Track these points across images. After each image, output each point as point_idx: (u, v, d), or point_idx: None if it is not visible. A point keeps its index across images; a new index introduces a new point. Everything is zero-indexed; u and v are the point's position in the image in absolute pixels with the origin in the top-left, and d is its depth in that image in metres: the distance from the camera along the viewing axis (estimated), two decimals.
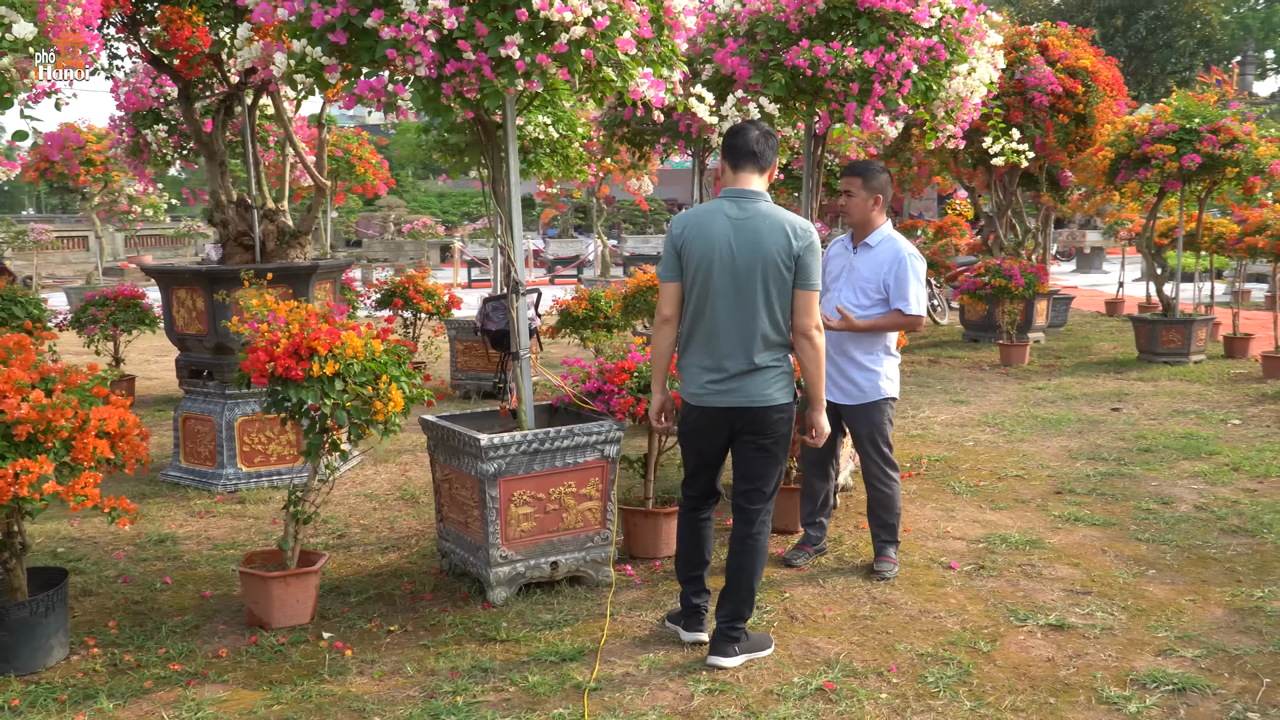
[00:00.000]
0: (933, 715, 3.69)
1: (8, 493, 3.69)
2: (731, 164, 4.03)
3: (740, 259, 3.89)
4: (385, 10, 4.01)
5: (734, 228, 3.92)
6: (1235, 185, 10.75)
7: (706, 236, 3.93)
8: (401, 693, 3.91)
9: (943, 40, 5.76)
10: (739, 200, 3.98)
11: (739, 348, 3.94)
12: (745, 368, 3.95)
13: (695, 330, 4.02)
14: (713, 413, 4.03)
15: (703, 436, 4.12)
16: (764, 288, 3.91)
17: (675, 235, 4.01)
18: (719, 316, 3.94)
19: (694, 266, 3.96)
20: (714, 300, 3.94)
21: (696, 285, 3.97)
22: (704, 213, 4.00)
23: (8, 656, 4.07)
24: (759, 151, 4.01)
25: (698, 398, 4.04)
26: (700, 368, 4.03)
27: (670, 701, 3.81)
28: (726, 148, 4.04)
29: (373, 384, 4.38)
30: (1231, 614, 4.59)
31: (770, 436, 4.04)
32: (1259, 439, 7.98)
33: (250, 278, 4.99)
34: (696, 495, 4.26)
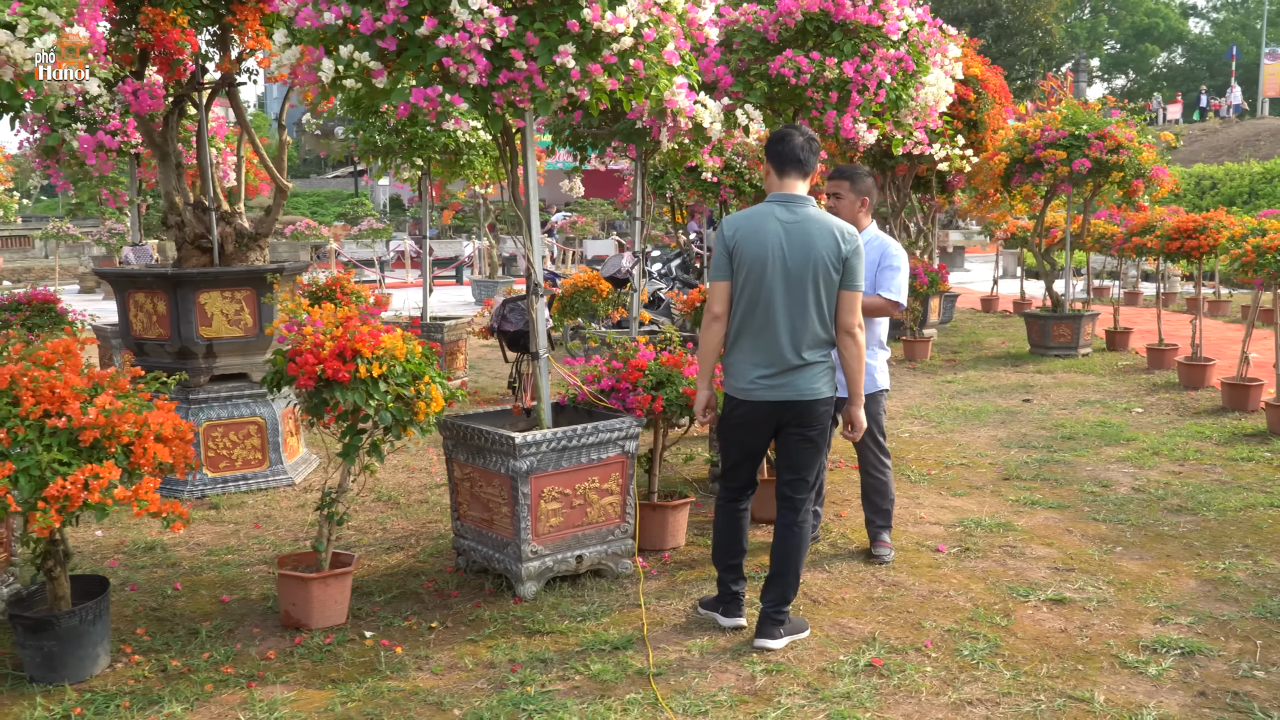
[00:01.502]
0: (980, 685, 3.97)
1: (79, 499, 3.65)
2: (777, 170, 4.24)
3: (792, 261, 4.10)
4: (438, 19, 4.08)
5: (785, 231, 4.13)
6: (1120, 188, 11.47)
7: (759, 239, 4.13)
8: (469, 685, 4.00)
9: (909, 52, 6.09)
10: (789, 204, 4.18)
11: (790, 345, 4.15)
12: (795, 364, 4.17)
13: (745, 328, 4.21)
14: (762, 407, 4.23)
15: (749, 430, 4.32)
16: (814, 288, 4.13)
17: (727, 237, 4.19)
18: (772, 315, 4.14)
19: (746, 267, 4.15)
20: (767, 300, 4.14)
21: (748, 285, 4.16)
22: (755, 216, 4.19)
23: (55, 665, 4.01)
24: (803, 159, 4.23)
25: (746, 392, 4.24)
26: (750, 364, 4.22)
27: (734, 683, 4.00)
28: (772, 155, 4.25)
29: (413, 385, 4.44)
30: (1204, 584, 5.02)
31: (815, 428, 4.27)
32: (1165, 425, 8.59)
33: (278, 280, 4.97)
34: (737, 487, 4.46)
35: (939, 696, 3.88)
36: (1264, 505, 6.26)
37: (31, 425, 3.72)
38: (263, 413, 6.79)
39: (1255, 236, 8.60)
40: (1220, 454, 7.58)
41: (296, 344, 4.33)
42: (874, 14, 5.95)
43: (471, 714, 3.76)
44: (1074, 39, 55.13)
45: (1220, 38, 65.54)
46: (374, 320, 4.56)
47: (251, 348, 6.82)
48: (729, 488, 4.48)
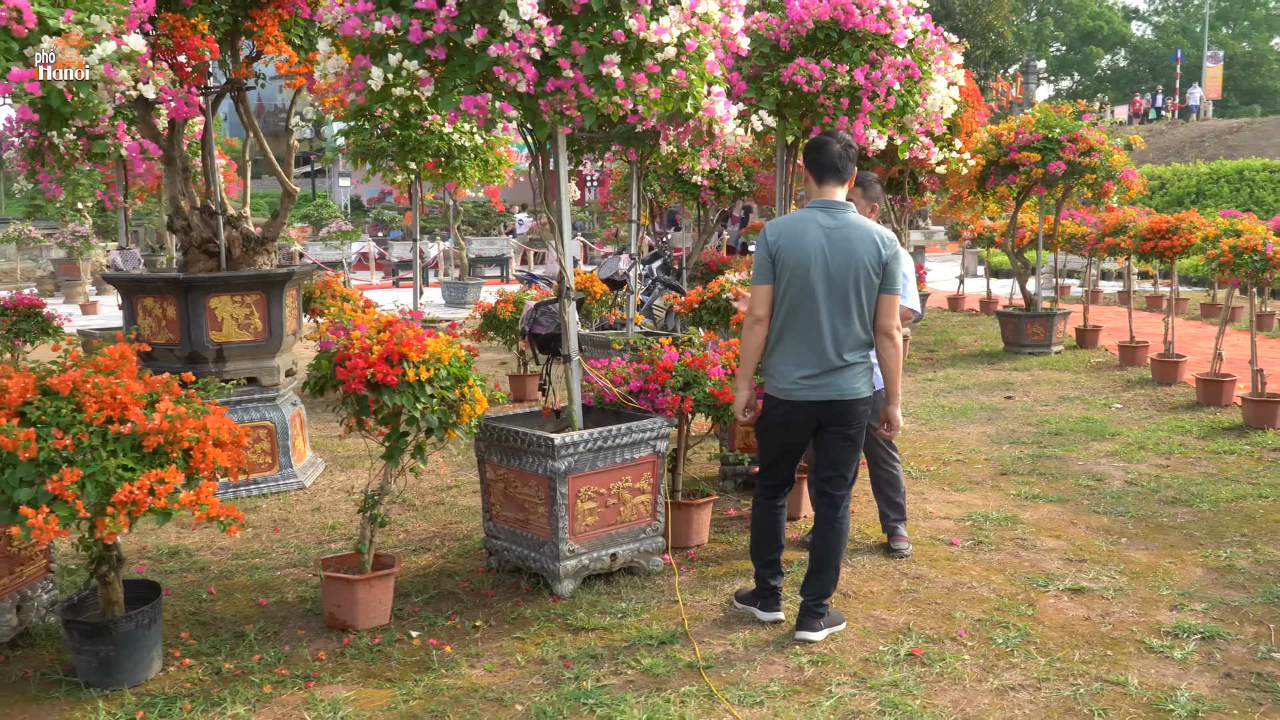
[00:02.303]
0: (1019, 672, 4.13)
1: (145, 504, 3.69)
2: (816, 177, 4.35)
3: (834, 265, 4.23)
4: (488, 28, 4.17)
5: (827, 236, 4.25)
6: (1093, 190, 11.75)
7: (801, 244, 4.25)
8: (525, 682, 4.08)
9: (914, 59, 6.25)
10: (830, 210, 4.31)
11: (832, 346, 4.28)
12: (837, 364, 4.30)
13: (788, 330, 4.33)
14: (804, 407, 4.35)
15: (789, 429, 4.44)
16: (855, 292, 4.26)
17: (770, 241, 4.30)
18: (815, 318, 4.27)
19: (789, 271, 4.27)
20: (810, 303, 4.26)
21: (791, 289, 4.28)
22: (797, 221, 4.31)
23: (111, 670, 4.04)
24: (841, 166, 4.35)
25: (788, 393, 4.36)
26: (792, 365, 4.34)
27: (783, 674, 4.12)
28: (811, 163, 4.36)
29: (457, 387, 4.52)
30: (1210, 573, 5.22)
31: (855, 426, 4.40)
32: (1145, 421, 8.85)
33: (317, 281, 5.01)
34: (775, 485, 4.58)
35: (981, 683, 4.03)
36: (1253, 496, 6.50)
37: (94, 431, 3.75)
38: (272, 416, 6.82)
39: (1228, 237, 8.87)
40: (1203, 448, 7.82)
41: (344, 348, 4.39)
42: (881, 22, 6.10)
43: (534, 709, 3.85)
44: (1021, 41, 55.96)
45: (1162, 41, 66.83)
46: (415, 324, 4.63)
47: (261, 352, 6.84)
48: (767, 485, 4.60)
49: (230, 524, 3.99)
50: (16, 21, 3.77)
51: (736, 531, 5.88)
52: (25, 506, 3.54)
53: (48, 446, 3.64)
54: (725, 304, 8.16)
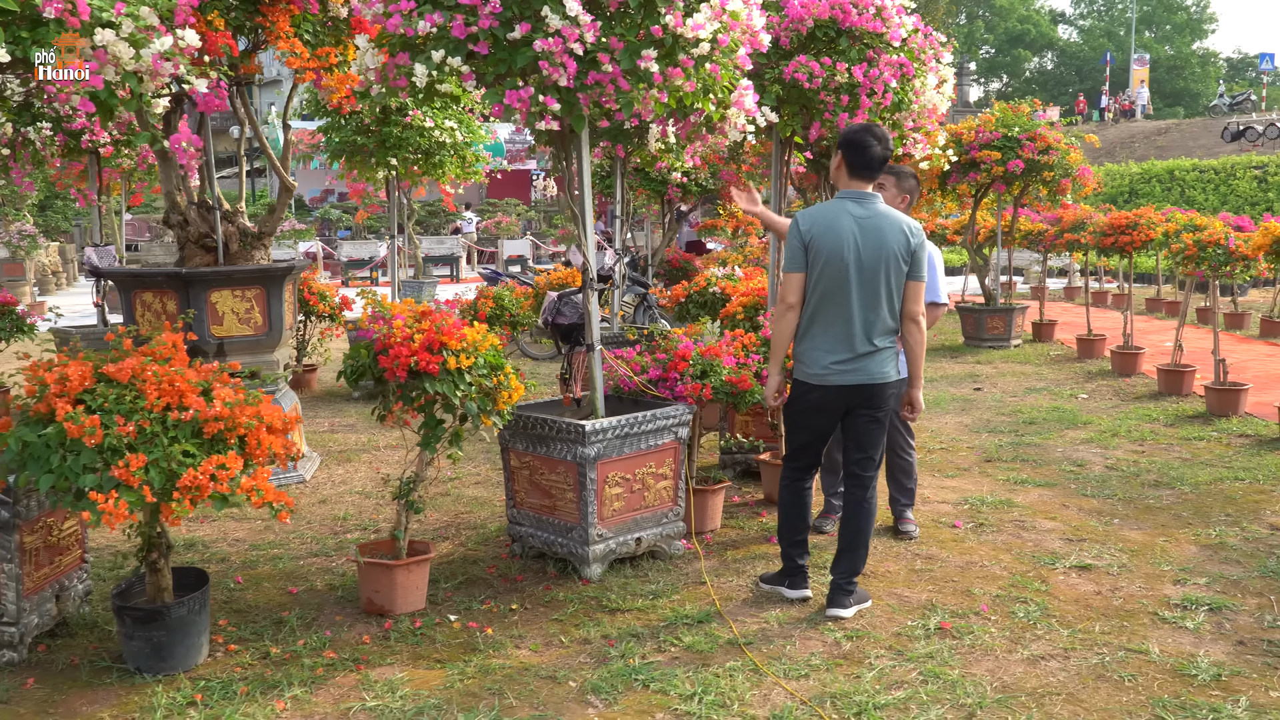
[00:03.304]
0: (1045, 642, 4.32)
1: (208, 489, 3.74)
2: (849, 171, 4.50)
3: (866, 254, 4.39)
4: (532, 24, 4.27)
5: (859, 226, 4.41)
6: (1049, 187, 12.09)
7: (835, 233, 4.39)
8: (573, 660, 4.19)
9: (908, 57, 6.45)
10: (860, 200, 4.46)
11: (863, 332, 4.44)
12: (867, 350, 4.45)
13: (820, 316, 4.47)
14: (835, 391, 4.50)
15: (820, 414, 4.59)
16: (885, 279, 4.42)
17: (804, 230, 4.43)
18: (847, 304, 4.42)
19: (822, 259, 4.41)
20: (842, 290, 4.41)
21: (825, 276, 4.42)
22: (829, 211, 4.45)
23: (164, 655, 4.08)
24: (876, 169, 4.50)
25: (821, 377, 4.50)
26: (824, 350, 4.48)
27: (822, 648, 4.27)
28: (849, 161, 4.47)
29: (493, 376, 4.61)
30: (1204, 550, 5.47)
31: (883, 409, 4.57)
32: (1112, 410, 9.16)
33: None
34: (803, 467, 4.73)
35: (1012, 654, 4.21)
36: (1230, 479, 6.79)
37: (154, 418, 3.80)
38: None
39: (1188, 232, 9.22)
40: (1172, 434, 8.13)
41: (386, 337, 4.46)
42: (877, 21, 6.27)
43: (589, 685, 3.96)
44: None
45: (1088, 44, 68.33)
46: (449, 314, 4.71)
47: (261, 346, 6.85)
48: (795, 467, 4.74)
49: (281, 509, 4.04)
50: (71, 13, 3.79)
51: (744, 517, 6.03)
52: (94, 492, 3.58)
53: (112, 433, 3.67)
54: (712, 297, 8.32)
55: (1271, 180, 28.13)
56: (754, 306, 7.52)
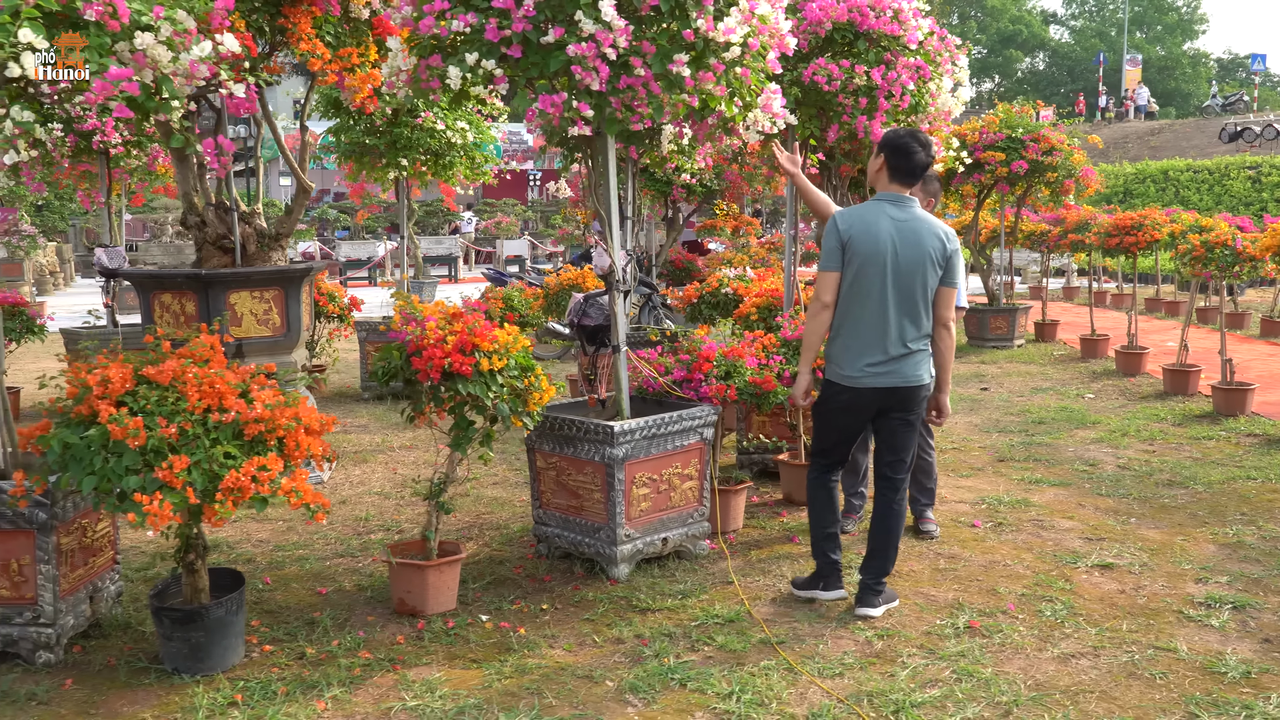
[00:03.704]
0: (1073, 640, 4.36)
1: (250, 490, 3.76)
2: (890, 174, 4.51)
3: (903, 256, 4.41)
4: (565, 28, 4.30)
5: (897, 228, 4.43)
6: (1052, 188, 12.15)
7: (873, 234, 4.41)
8: (608, 659, 4.22)
9: (925, 59, 6.49)
10: (898, 203, 4.49)
11: (898, 334, 4.47)
12: (901, 352, 4.48)
13: (854, 318, 4.49)
14: (867, 393, 4.53)
15: (850, 415, 4.61)
16: (921, 283, 4.45)
17: (842, 230, 4.45)
18: (884, 307, 4.43)
19: (859, 260, 4.42)
20: (879, 292, 4.43)
21: (862, 277, 4.43)
22: (868, 212, 4.47)
23: (201, 656, 4.10)
24: (917, 176, 4.52)
25: (854, 379, 4.52)
26: (858, 352, 4.50)
27: (854, 647, 4.31)
28: (891, 165, 4.48)
29: (524, 377, 4.64)
30: (1223, 548, 5.52)
31: (915, 412, 4.60)
32: (1119, 409, 9.22)
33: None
34: (830, 464, 4.76)
35: (1042, 652, 4.26)
36: (1242, 478, 6.84)
37: (195, 420, 3.82)
38: None
39: (1194, 233, 9.28)
40: (1181, 434, 8.19)
41: (419, 339, 4.49)
42: (894, 24, 6.31)
43: (626, 684, 3.99)
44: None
45: (1080, 44, 68.56)
46: (479, 316, 4.73)
47: (279, 347, 6.86)
48: (823, 464, 4.77)
49: (318, 510, 4.06)
50: (111, 16, 3.81)
51: (765, 517, 6.07)
52: (138, 494, 3.60)
53: (155, 435, 3.69)
54: (724, 298, 8.36)
55: (1266, 180, 28.26)
56: (768, 308, 7.56)
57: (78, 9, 3.73)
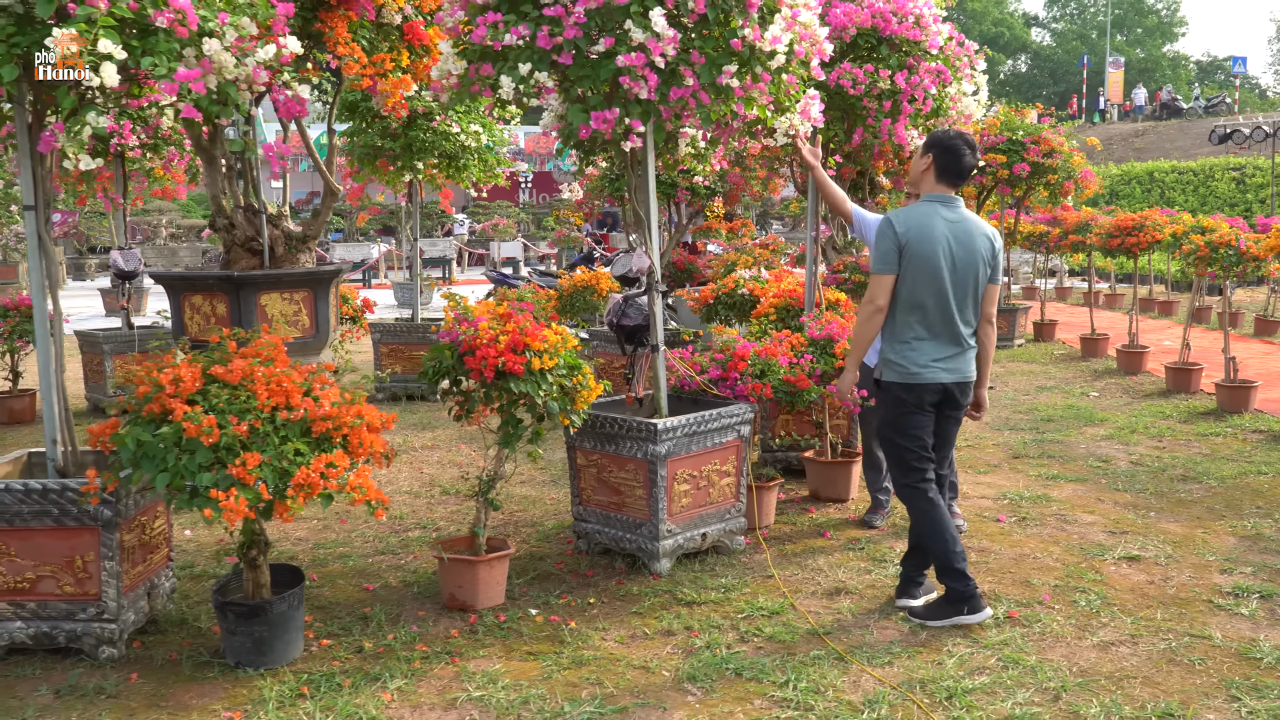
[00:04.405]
0: (1111, 630, 4.49)
1: (319, 486, 3.85)
2: (937, 175, 4.60)
3: (959, 256, 4.52)
4: (615, 38, 4.40)
5: (951, 229, 4.53)
6: (1051, 190, 12.32)
7: (930, 236, 4.50)
8: (660, 650, 4.33)
9: (945, 64, 6.63)
10: (948, 204, 4.58)
11: (958, 331, 4.57)
12: (960, 349, 4.59)
13: (919, 316, 4.55)
14: (933, 388, 4.58)
15: (922, 412, 4.62)
16: (974, 280, 4.56)
17: (899, 233, 4.51)
18: (946, 304, 4.52)
19: (919, 261, 4.49)
20: (940, 291, 4.51)
21: (923, 278, 4.50)
22: (922, 214, 4.55)
23: (264, 650, 4.18)
24: (967, 175, 4.62)
25: (917, 376, 4.55)
26: (925, 349, 4.55)
27: (899, 637, 4.43)
28: (940, 166, 4.57)
29: (572, 376, 4.74)
30: (1242, 540, 5.67)
31: (963, 407, 4.71)
32: (1124, 407, 9.38)
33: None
34: (926, 472, 4.65)
35: (1082, 640, 4.38)
36: (1253, 473, 7.00)
37: (265, 418, 3.91)
38: None
39: (1195, 234, 9.45)
40: (1189, 431, 8.35)
41: (472, 338, 4.58)
42: (915, 29, 6.47)
43: (683, 674, 4.10)
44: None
45: (1061, 47, 69.07)
46: (529, 316, 4.83)
47: (309, 348, 6.94)
48: (926, 477, 4.66)
49: (378, 507, 4.16)
50: (180, 24, 3.89)
51: (794, 513, 6.18)
52: (214, 490, 3.69)
53: (228, 432, 3.78)
54: (741, 299, 8.47)
55: (1250, 181, 28.60)
56: (785, 308, 7.66)
57: (148, 16, 3.81)
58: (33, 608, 4.26)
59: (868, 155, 7.57)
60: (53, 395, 4.50)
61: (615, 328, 5.46)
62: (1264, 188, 28.19)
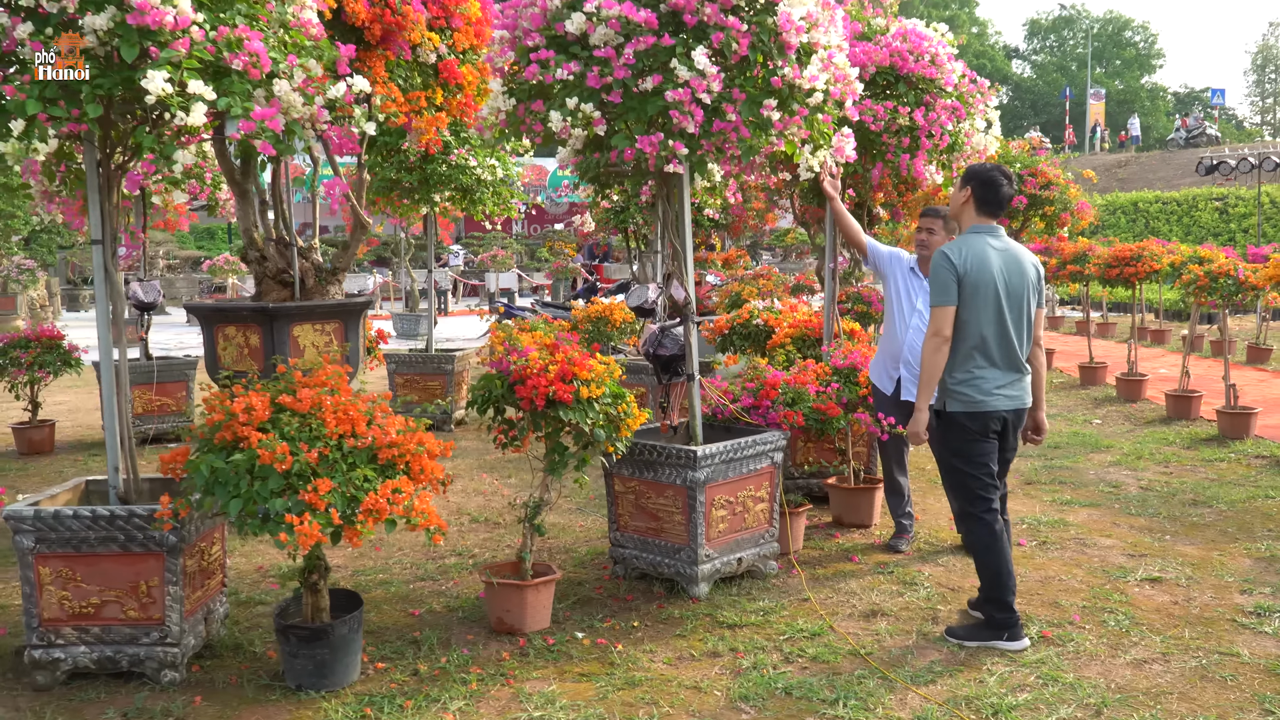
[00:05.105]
0: (1142, 648, 4.65)
1: (387, 512, 3.98)
2: (978, 207, 4.77)
3: (1012, 283, 4.69)
4: (663, 76, 4.59)
5: (1002, 259, 4.70)
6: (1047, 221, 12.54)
7: (985, 267, 4.65)
8: (709, 671, 4.46)
9: (959, 101, 6.84)
10: (995, 234, 4.75)
11: (1016, 357, 4.73)
12: (1019, 374, 4.76)
13: (983, 345, 4.68)
14: (998, 415, 4.73)
15: (988, 439, 4.77)
16: (1026, 306, 4.74)
17: (957, 265, 4.64)
18: (1006, 332, 4.68)
19: (979, 291, 4.64)
20: (999, 319, 4.66)
21: (983, 307, 4.64)
22: (976, 246, 4.69)
23: (325, 673, 4.29)
24: (1005, 209, 4.80)
25: (983, 404, 4.69)
26: (991, 376, 4.70)
27: (939, 656, 4.57)
28: (980, 198, 4.75)
29: (617, 404, 4.89)
30: (1259, 562, 5.83)
31: (1019, 429, 4.88)
32: (1127, 434, 9.57)
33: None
34: (992, 501, 4.79)
35: (1115, 658, 4.54)
36: (1261, 497, 7.18)
37: (333, 445, 4.04)
38: None
39: (1194, 264, 9.68)
40: (1194, 457, 8.54)
41: (523, 368, 4.73)
42: (931, 68, 6.66)
43: (735, 694, 4.23)
44: None
45: (1042, 79, 69.96)
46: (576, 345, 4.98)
47: None
48: (987, 503, 4.75)
49: (436, 533, 4.28)
50: (254, 66, 4.05)
51: (820, 539, 6.32)
52: (289, 515, 3.81)
53: (300, 459, 3.91)
54: (755, 330, 8.64)
55: (1233, 211, 29.04)
56: (801, 338, 7.83)
57: (224, 59, 3.97)
58: (96, 632, 4.36)
59: (867, 187, 7.78)
60: (115, 424, 4.61)
61: (652, 357, 5.61)
62: (1246, 217, 28.65)
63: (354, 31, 6.03)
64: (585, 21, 4.61)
